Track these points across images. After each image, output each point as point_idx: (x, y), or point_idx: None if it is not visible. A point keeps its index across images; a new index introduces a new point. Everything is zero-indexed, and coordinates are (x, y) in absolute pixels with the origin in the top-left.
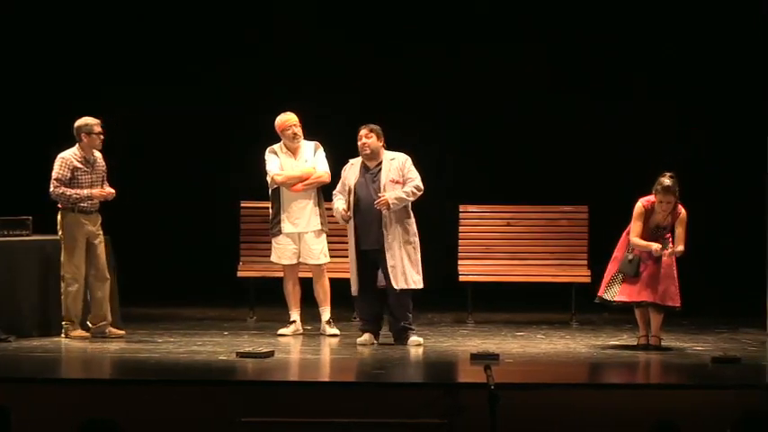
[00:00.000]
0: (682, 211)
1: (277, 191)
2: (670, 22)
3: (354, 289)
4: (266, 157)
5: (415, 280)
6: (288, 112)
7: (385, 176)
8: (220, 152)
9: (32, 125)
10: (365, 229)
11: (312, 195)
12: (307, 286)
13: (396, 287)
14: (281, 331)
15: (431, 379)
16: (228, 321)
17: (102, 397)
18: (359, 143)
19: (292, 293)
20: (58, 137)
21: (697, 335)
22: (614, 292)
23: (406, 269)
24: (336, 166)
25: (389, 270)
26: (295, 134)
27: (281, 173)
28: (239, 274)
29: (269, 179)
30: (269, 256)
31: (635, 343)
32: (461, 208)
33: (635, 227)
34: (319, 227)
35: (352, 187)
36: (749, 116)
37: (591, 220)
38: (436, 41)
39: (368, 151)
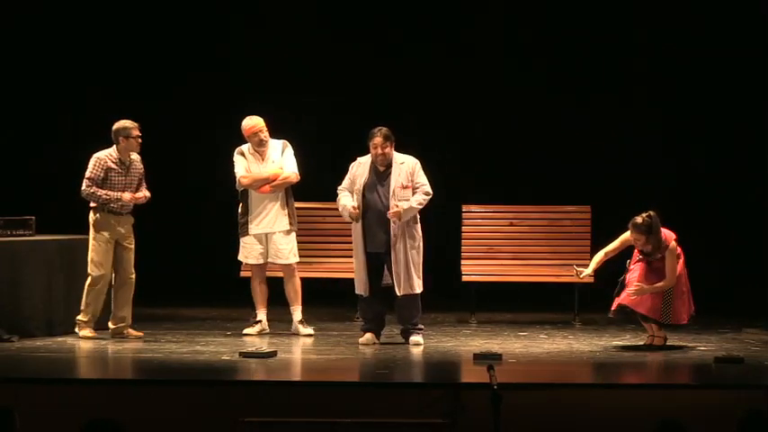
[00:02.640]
0: (670, 244)
1: (245, 191)
2: (671, 25)
3: (363, 289)
4: (234, 159)
5: (417, 284)
6: (254, 117)
7: (395, 181)
8: (223, 152)
9: (34, 125)
10: (372, 232)
11: (280, 196)
12: (308, 285)
13: (398, 293)
14: (246, 330)
15: (434, 379)
16: (231, 321)
17: (106, 397)
18: (374, 150)
19: (259, 293)
20: (60, 136)
21: (700, 335)
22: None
23: (409, 274)
24: (341, 166)
25: (393, 276)
26: (261, 140)
27: (247, 175)
28: (242, 274)
29: (236, 181)
30: None
31: (638, 343)
32: (464, 208)
33: (612, 242)
34: (287, 227)
35: (361, 189)
36: (750, 117)
37: (594, 220)
38: (438, 42)
39: (383, 160)
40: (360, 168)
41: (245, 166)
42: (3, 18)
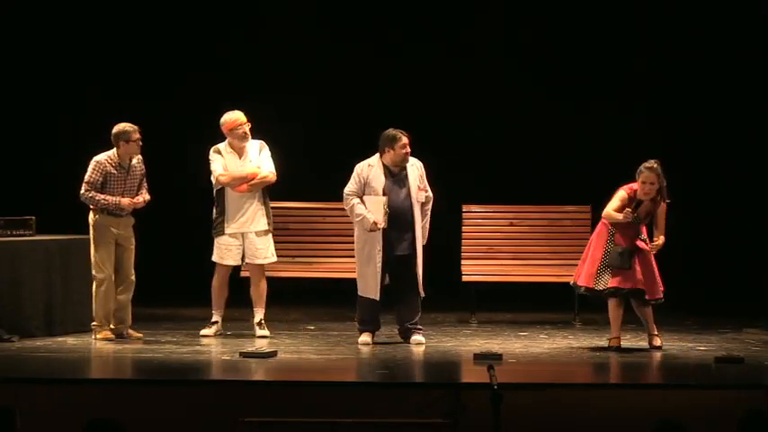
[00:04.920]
0: (663, 203)
1: (221, 191)
2: (671, 25)
3: (374, 293)
4: (210, 157)
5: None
6: (236, 111)
7: (413, 183)
8: None
9: (34, 125)
10: (398, 235)
11: (257, 195)
12: (308, 285)
13: (422, 294)
14: (203, 332)
15: (434, 379)
16: (231, 321)
17: (106, 397)
18: (402, 150)
19: (220, 294)
20: (60, 136)
21: (700, 335)
22: (606, 282)
23: (420, 273)
24: (341, 165)
25: (417, 276)
26: (245, 133)
27: (226, 173)
28: (242, 274)
29: (213, 179)
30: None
31: (638, 342)
32: (464, 208)
33: (613, 204)
34: (266, 227)
35: (381, 192)
36: (750, 117)
37: (594, 220)
38: (438, 42)
39: (407, 159)
40: (372, 171)
41: (222, 164)
42: (2, 18)
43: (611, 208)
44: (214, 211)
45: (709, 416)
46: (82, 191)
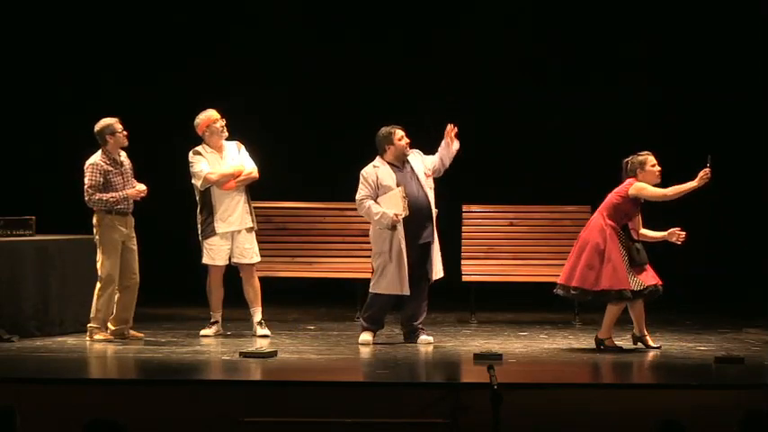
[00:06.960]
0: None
1: (207, 192)
2: (671, 26)
3: (404, 289)
4: (192, 159)
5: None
6: (208, 109)
7: (419, 171)
8: None
9: (34, 124)
10: (420, 225)
11: (242, 193)
12: (308, 285)
13: (435, 277)
14: (203, 332)
15: (434, 379)
16: (231, 321)
17: (106, 397)
18: (399, 142)
19: (217, 295)
20: (60, 136)
21: (700, 334)
22: (639, 282)
23: (439, 257)
24: (343, 165)
25: (433, 262)
26: (222, 128)
27: (214, 171)
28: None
29: (197, 181)
30: (271, 256)
31: (638, 344)
32: (464, 208)
33: (650, 189)
34: (251, 224)
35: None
36: (750, 118)
37: None
38: (438, 41)
39: (408, 148)
40: (380, 172)
41: (206, 164)
42: (3, 19)
43: (656, 189)
44: (199, 214)
45: (709, 416)
46: (86, 197)
